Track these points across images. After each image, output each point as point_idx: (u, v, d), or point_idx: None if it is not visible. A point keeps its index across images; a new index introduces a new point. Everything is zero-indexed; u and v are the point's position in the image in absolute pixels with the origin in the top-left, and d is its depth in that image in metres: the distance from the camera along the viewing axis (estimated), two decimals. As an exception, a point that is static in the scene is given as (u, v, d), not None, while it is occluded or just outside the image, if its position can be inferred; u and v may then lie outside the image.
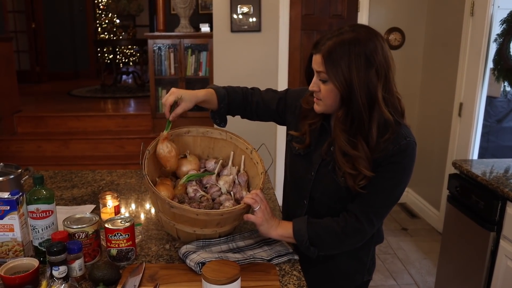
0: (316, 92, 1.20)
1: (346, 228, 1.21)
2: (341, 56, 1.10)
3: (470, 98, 3.08)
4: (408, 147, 1.16)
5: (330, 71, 1.11)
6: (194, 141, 1.51)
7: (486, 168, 2.15)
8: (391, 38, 3.78)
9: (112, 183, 1.90)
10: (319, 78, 1.17)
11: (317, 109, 1.23)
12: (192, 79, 4.33)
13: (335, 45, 1.11)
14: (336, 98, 1.15)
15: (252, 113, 1.50)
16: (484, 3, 2.89)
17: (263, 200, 1.26)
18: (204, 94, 1.41)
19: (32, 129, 4.70)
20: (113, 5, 7.61)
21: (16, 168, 1.57)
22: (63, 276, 1.07)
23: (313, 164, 1.30)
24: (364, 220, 1.20)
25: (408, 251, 3.21)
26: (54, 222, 1.22)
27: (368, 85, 1.11)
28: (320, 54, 1.13)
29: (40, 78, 7.63)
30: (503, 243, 1.90)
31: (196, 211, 1.19)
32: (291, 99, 1.43)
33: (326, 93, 1.16)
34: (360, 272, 1.40)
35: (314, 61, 1.17)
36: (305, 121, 1.32)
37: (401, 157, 1.16)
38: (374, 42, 1.12)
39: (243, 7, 3.58)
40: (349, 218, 1.22)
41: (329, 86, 1.15)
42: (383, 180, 1.18)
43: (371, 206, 1.21)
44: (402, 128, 1.18)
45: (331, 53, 1.11)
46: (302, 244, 1.24)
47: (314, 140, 1.31)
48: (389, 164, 1.17)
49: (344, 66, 1.10)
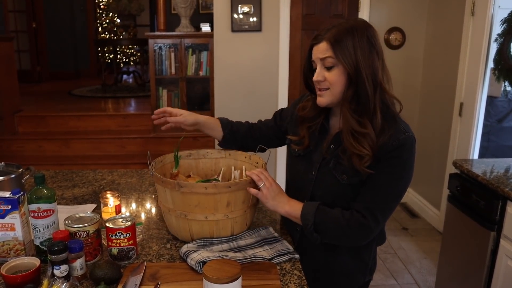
0: (320, 82, 1.21)
1: (351, 221, 1.20)
2: (346, 38, 1.15)
3: (470, 98, 3.08)
4: (407, 141, 1.18)
5: (338, 53, 1.15)
6: (197, 163, 1.59)
7: (486, 168, 2.15)
8: (391, 38, 3.78)
9: (113, 182, 1.90)
10: (324, 66, 1.19)
11: (322, 101, 1.23)
12: (192, 79, 4.33)
13: (339, 31, 1.16)
14: (343, 83, 1.18)
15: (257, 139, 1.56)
16: (484, 3, 2.89)
17: (268, 178, 1.27)
18: (206, 117, 1.53)
19: (33, 128, 4.70)
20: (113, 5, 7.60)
21: (17, 167, 1.58)
22: (64, 275, 1.07)
23: (313, 163, 1.31)
24: (369, 216, 1.20)
25: (409, 250, 3.21)
26: (55, 221, 1.23)
27: (371, 66, 1.16)
28: (324, 41, 1.17)
29: (41, 78, 7.63)
30: (504, 243, 1.90)
31: (204, 184, 1.23)
32: (286, 112, 1.52)
33: (333, 79, 1.18)
34: (362, 272, 1.41)
35: (317, 50, 1.20)
36: (304, 125, 1.34)
37: (401, 151, 1.18)
38: (372, 28, 1.20)
39: (243, 7, 3.58)
40: (356, 213, 1.21)
41: (335, 71, 1.17)
42: (384, 175, 1.19)
43: (374, 202, 1.21)
44: (401, 123, 1.21)
45: (336, 37, 1.15)
46: (307, 228, 1.23)
47: (313, 141, 1.33)
48: (388, 159, 1.18)
49: (350, 47, 1.15)
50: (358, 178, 1.21)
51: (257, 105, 3.74)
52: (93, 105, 5.55)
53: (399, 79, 3.79)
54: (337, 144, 1.26)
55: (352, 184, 1.23)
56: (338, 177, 1.24)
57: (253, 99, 3.76)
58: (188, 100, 4.33)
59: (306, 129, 1.33)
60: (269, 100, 3.74)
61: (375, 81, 1.16)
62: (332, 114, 1.33)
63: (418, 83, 3.88)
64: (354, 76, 1.15)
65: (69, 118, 4.75)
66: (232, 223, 1.31)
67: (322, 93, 1.22)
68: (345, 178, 1.23)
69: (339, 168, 1.24)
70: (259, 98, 3.75)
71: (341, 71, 1.17)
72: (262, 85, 3.76)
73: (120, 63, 7.75)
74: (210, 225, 1.28)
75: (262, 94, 3.76)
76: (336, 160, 1.25)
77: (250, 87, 3.77)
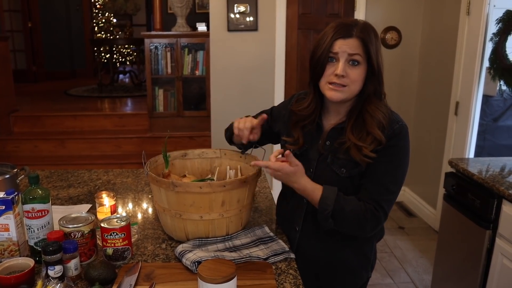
0: (342, 78, 1.20)
1: (367, 212, 1.21)
2: (373, 38, 1.20)
3: (466, 97, 3.09)
4: (402, 130, 1.23)
5: (369, 52, 1.19)
6: (192, 163, 1.58)
7: (482, 167, 2.16)
8: (387, 37, 3.78)
9: (109, 182, 1.89)
10: (350, 62, 1.19)
11: (337, 96, 1.22)
12: (189, 78, 4.33)
13: (367, 30, 1.20)
14: (362, 81, 1.22)
15: None
16: (480, 2, 2.89)
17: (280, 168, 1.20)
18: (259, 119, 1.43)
19: (29, 128, 4.68)
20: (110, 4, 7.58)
21: (12, 167, 1.57)
22: (59, 275, 1.07)
23: (310, 161, 1.32)
24: (378, 207, 1.22)
25: (405, 249, 3.21)
26: (49, 222, 1.22)
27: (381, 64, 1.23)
28: (355, 38, 1.18)
29: (36, 78, 7.60)
30: (499, 241, 1.90)
31: (199, 184, 1.23)
32: (276, 111, 1.52)
33: (356, 77, 1.20)
34: (365, 268, 1.41)
35: (345, 45, 1.18)
36: (297, 125, 1.35)
37: (396, 140, 1.22)
38: None
39: (240, 6, 3.58)
40: (368, 204, 1.21)
41: (359, 69, 1.20)
42: (383, 165, 1.21)
43: (379, 194, 1.22)
44: (393, 114, 1.26)
45: (367, 36, 1.19)
46: (324, 213, 1.21)
47: (308, 139, 1.34)
48: (385, 149, 1.20)
49: (375, 47, 1.20)
50: (357, 169, 1.23)
51: (254, 104, 3.72)
52: (89, 105, 5.53)
53: (395, 78, 3.79)
54: (333, 139, 1.28)
55: (352, 176, 1.25)
56: (337, 171, 1.26)
57: (250, 99, 3.76)
58: (184, 100, 4.32)
59: (300, 129, 1.35)
60: (265, 100, 3.74)
61: (382, 76, 1.25)
62: (325, 111, 1.34)
63: (414, 82, 3.88)
64: (376, 74, 1.21)
65: (65, 118, 4.73)
66: (227, 223, 1.31)
67: (339, 89, 1.21)
68: (344, 172, 1.25)
69: (337, 162, 1.26)
70: (255, 97, 3.75)
71: (363, 70, 1.20)
72: (258, 84, 3.76)
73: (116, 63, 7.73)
74: (205, 225, 1.28)
75: (258, 93, 3.76)
76: (333, 154, 1.27)
77: (246, 87, 3.76)
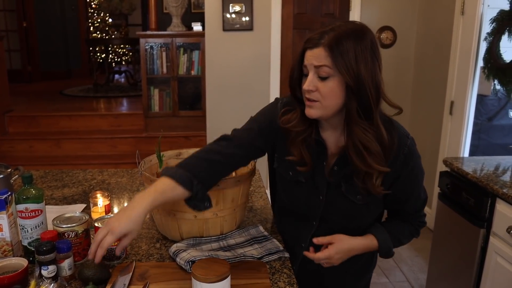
0: (311, 92, 1.06)
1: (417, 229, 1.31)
2: (348, 45, 1.01)
3: (461, 97, 3.10)
4: (411, 149, 1.16)
5: (338, 63, 1.01)
6: None
7: (476, 166, 2.17)
8: (382, 37, 3.80)
9: (103, 182, 1.89)
10: (318, 75, 1.05)
11: (312, 113, 1.09)
12: (184, 78, 4.32)
13: (340, 37, 1.02)
14: (338, 95, 1.05)
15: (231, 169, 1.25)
16: (474, 2, 2.91)
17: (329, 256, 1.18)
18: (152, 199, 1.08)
19: (24, 128, 4.66)
20: (105, 4, 7.55)
21: (6, 167, 1.56)
22: (52, 275, 1.07)
23: (318, 187, 1.20)
24: (421, 217, 1.30)
25: (400, 248, 3.20)
26: (43, 222, 1.22)
27: (374, 78, 1.04)
28: (321, 47, 1.02)
29: (31, 78, 7.57)
30: (493, 240, 1.91)
31: None
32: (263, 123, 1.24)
33: (327, 91, 1.04)
34: (367, 269, 1.41)
35: (311, 56, 1.05)
36: (295, 140, 1.17)
37: (415, 157, 1.18)
38: (373, 35, 1.07)
39: (235, 6, 3.58)
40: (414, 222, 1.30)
41: (330, 82, 1.04)
42: (408, 186, 1.21)
43: (417, 209, 1.28)
44: (398, 126, 1.16)
45: (338, 45, 1.01)
46: (389, 254, 1.27)
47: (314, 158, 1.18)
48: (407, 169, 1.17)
49: (352, 56, 1.01)
50: (373, 196, 1.16)
51: (249, 104, 3.73)
52: (85, 105, 5.51)
53: (390, 78, 3.80)
54: (342, 165, 1.16)
55: (368, 203, 1.19)
56: (352, 199, 1.18)
57: (245, 98, 3.76)
58: (179, 100, 4.31)
59: (300, 143, 1.17)
60: (260, 99, 3.74)
61: (377, 92, 1.05)
62: (321, 127, 1.18)
63: (409, 82, 3.90)
64: (356, 89, 1.02)
65: (60, 118, 4.72)
66: (221, 222, 1.31)
67: (312, 104, 1.08)
68: (360, 199, 1.17)
69: (352, 190, 1.16)
70: (250, 97, 3.75)
71: (338, 83, 1.03)
72: (254, 84, 3.76)
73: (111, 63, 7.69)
74: (199, 224, 1.28)
75: (253, 93, 3.76)
76: (345, 181, 1.16)
77: (242, 86, 3.77)
